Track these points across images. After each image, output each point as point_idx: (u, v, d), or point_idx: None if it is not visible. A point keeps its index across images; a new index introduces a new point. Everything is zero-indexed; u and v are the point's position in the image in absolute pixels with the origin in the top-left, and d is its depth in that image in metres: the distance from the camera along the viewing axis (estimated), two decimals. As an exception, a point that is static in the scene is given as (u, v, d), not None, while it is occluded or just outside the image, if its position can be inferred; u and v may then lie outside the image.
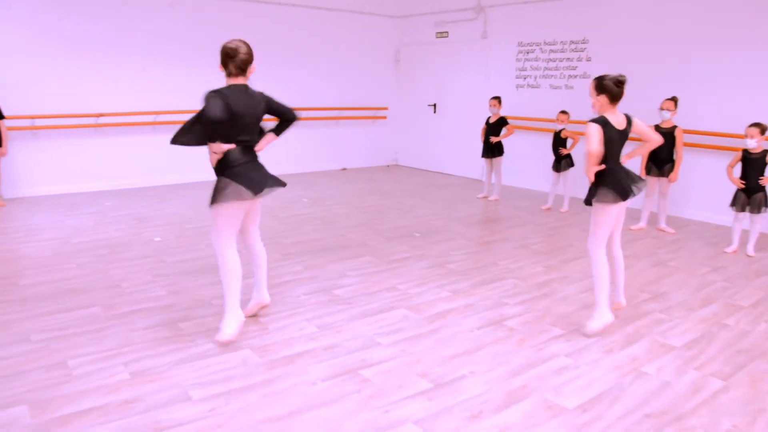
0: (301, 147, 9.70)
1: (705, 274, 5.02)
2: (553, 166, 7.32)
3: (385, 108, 10.68)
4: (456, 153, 9.86)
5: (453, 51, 9.78)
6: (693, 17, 6.83)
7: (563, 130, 7.14)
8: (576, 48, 8.05)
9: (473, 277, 4.72)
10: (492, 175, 7.95)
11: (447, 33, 9.84)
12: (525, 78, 8.74)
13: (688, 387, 3.11)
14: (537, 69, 8.56)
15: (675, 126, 6.13)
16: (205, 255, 5.10)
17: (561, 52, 8.23)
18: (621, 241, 3.89)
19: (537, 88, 8.59)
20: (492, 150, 7.68)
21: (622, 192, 3.53)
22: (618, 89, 3.49)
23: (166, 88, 8.18)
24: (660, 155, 6.16)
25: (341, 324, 3.75)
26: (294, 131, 5.22)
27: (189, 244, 5.48)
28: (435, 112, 10.25)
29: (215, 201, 3.29)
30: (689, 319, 4.02)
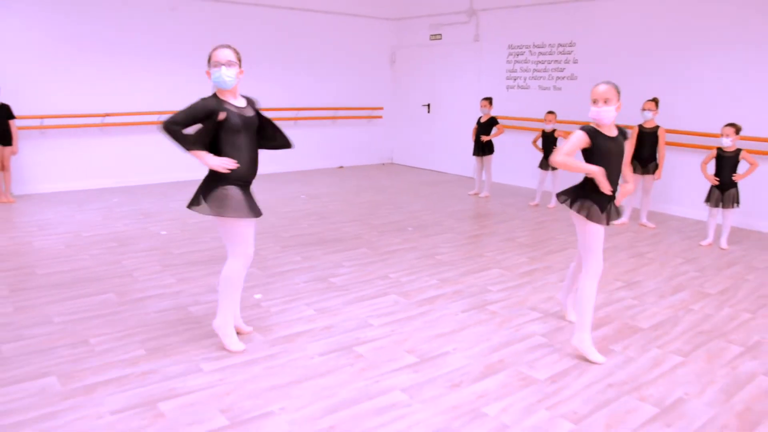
0: (300, 146, 9.94)
1: (678, 265, 5.35)
2: (540, 164, 7.66)
3: (381, 108, 11.02)
4: (449, 151, 10.19)
5: (446, 53, 10.11)
6: (673, 23, 7.17)
7: (555, 130, 7.47)
8: (563, 51, 8.38)
9: (461, 267, 5.05)
10: (482, 173, 8.28)
11: (441, 35, 10.17)
12: (515, 79, 9.07)
13: (649, 362, 3.44)
14: (526, 71, 8.90)
15: (657, 126, 6.48)
16: (210, 247, 5.43)
17: (549, 54, 8.57)
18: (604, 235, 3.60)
19: (526, 89, 8.92)
20: (483, 149, 8.01)
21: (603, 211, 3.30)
22: None
23: (169, 88, 8.49)
24: (643, 154, 6.50)
25: (337, 308, 4.08)
26: (292, 130, 5.49)
27: (193, 237, 5.80)
28: (429, 111, 10.58)
29: (220, 212, 3.16)
30: (658, 305, 4.35)
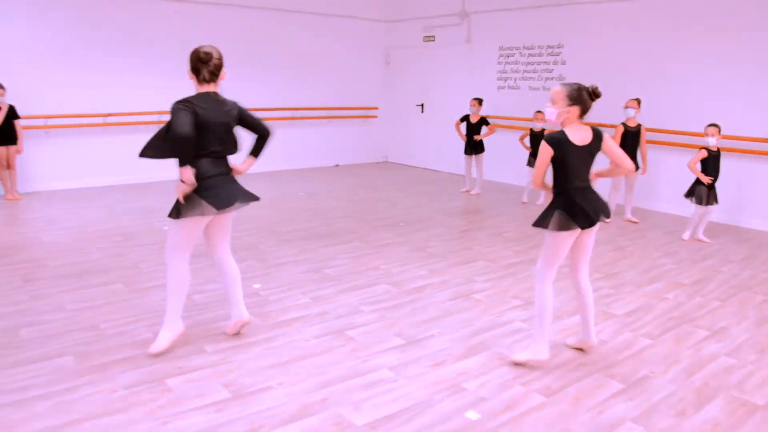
0: (297, 144, 10.30)
1: (657, 257, 5.63)
2: (528, 161, 7.93)
3: (376, 108, 11.29)
4: (442, 150, 10.46)
5: (439, 54, 10.38)
6: (658, 27, 7.45)
7: (544, 129, 7.73)
8: (552, 52, 8.66)
9: (449, 260, 5.33)
10: (474, 171, 8.55)
11: (434, 37, 10.44)
12: (506, 80, 9.35)
13: (620, 344, 3.72)
14: (517, 71, 9.17)
15: (640, 124, 6.77)
16: (210, 241, 5.69)
17: (539, 56, 8.84)
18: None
19: (517, 89, 9.20)
20: (475, 148, 8.29)
21: (572, 217, 3.13)
22: (591, 102, 3.11)
23: (170, 88, 8.72)
24: (627, 152, 6.77)
25: (331, 296, 4.36)
26: (290, 130, 5.75)
27: (195, 232, 6.06)
28: (422, 111, 10.86)
29: (175, 215, 3.16)
30: (634, 294, 4.63)
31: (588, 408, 2.96)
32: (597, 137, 3.18)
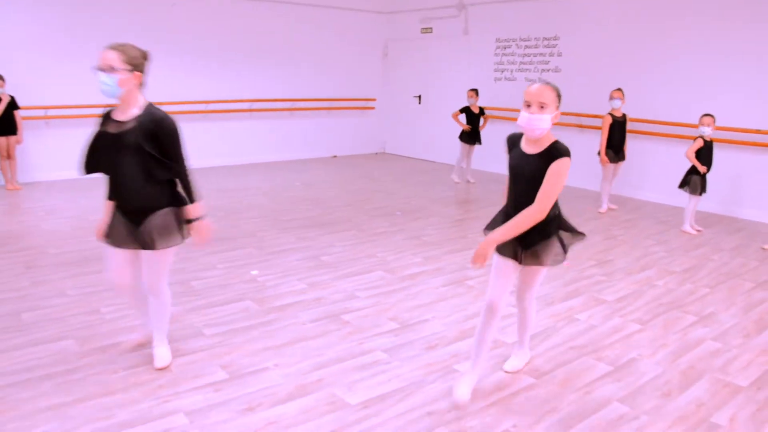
0: (295, 136, 10.36)
1: (649, 246, 5.71)
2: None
3: (374, 99, 11.35)
4: (439, 141, 10.52)
5: (437, 46, 10.43)
6: (653, 18, 7.50)
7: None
8: (548, 44, 8.71)
9: (444, 247, 5.41)
10: (463, 161, 8.63)
11: (431, 29, 10.48)
12: (502, 71, 9.40)
13: (610, 329, 3.80)
14: (513, 63, 9.23)
15: (624, 114, 6.88)
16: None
17: (535, 47, 8.89)
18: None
19: (513, 80, 9.26)
20: (477, 137, 8.39)
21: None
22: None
23: (168, 81, 8.79)
24: (614, 141, 6.86)
25: (327, 282, 4.44)
26: (289, 121, 5.72)
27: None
28: (420, 103, 10.91)
29: (177, 242, 2.93)
30: (625, 281, 4.71)
31: (576, 389, 3.05)
32: (550, 157, 2.67)
